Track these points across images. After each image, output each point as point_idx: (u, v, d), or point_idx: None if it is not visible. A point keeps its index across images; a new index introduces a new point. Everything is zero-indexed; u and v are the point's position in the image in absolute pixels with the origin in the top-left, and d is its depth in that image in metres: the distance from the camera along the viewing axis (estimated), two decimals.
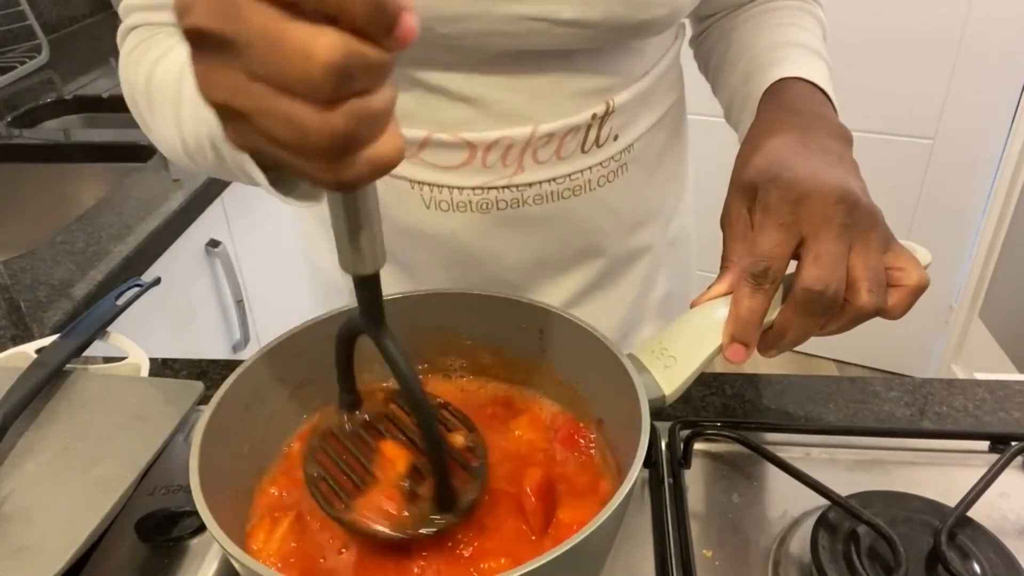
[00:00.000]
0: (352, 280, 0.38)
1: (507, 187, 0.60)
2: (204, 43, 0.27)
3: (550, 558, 0.35)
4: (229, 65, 0.27)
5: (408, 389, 0.40)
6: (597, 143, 0.61)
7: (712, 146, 0.97)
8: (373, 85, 0.28)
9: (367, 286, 0.38)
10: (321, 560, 0.45)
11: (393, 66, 0.28)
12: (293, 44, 0.26)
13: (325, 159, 0.28)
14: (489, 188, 0.60)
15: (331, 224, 0.35)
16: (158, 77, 0.52)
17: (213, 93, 0.28)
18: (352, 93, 0.27)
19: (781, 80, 0.59)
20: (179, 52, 0.52)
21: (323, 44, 0.25)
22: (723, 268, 0.50)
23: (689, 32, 0.74)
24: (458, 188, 0.60)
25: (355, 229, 0.34)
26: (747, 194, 0.49)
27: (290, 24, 0.26)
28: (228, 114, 0.29)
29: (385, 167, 0.30)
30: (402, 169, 0.61)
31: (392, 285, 0.69)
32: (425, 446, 0.43)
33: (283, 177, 0.42)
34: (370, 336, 0.41)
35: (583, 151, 0.60)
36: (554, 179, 0.61)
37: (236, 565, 0.37)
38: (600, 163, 0.62)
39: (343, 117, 0.27)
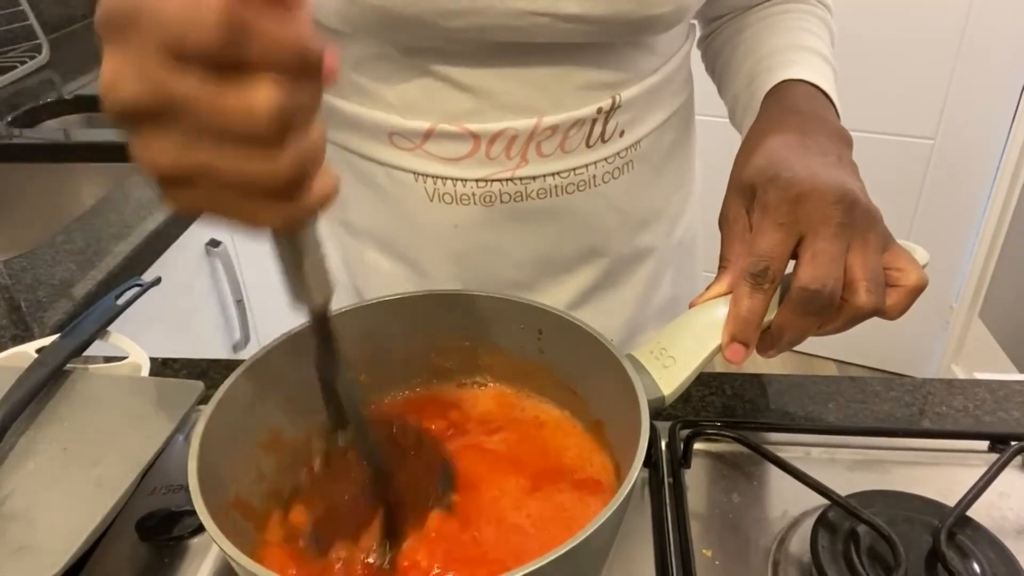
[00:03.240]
0: (308, 318, 0.38)
1: (510, 180, 0.60)
2: (136, 119, 0.27)
3: (551, 558, 0.35)
4: (166, 133, 0.27)
5: (357, 434, 0.42)
6: (602, 138, 0.61)
7: (716, 147, 0.96)
8: (308, 121, 0.29)
9: (318, 318, 0.38)
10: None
11: (321, 101, 0.29)
12: (231, 103, 0.26)
13: (277, 200, 0.29)
14: (492, 180, 0.60)
15: (277, 265, 0.36)
16: None
17: (155, 165, 0.28)
18: (291, 135, 0.28)
19: (784, 82, 0.59)
20: None
21: (261, 97, 0.26)
22: (721, 268, 0.50)
23: (698, 33, 0.74)
24: (462, 180, 0.60)
25: (299, 264, 0.35)
26: (746, 194, 0.50)
27: (221, 85, 0.26)
28: (171, 181, 0.29)
29: (329, 199, 0.31)
30: (406, 161, 0.61)
31: (396, 280, 0.70)
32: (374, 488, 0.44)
33: None
34: (322, 373, 0.41)
35: (588, 146, 0.60)
36: (558, 173, 0.61)
37: (235, 566, 0.37)
38: (605, 159, 0.62)
39: (289, 157, 0.28)
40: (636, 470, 0.40)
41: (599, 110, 0.59)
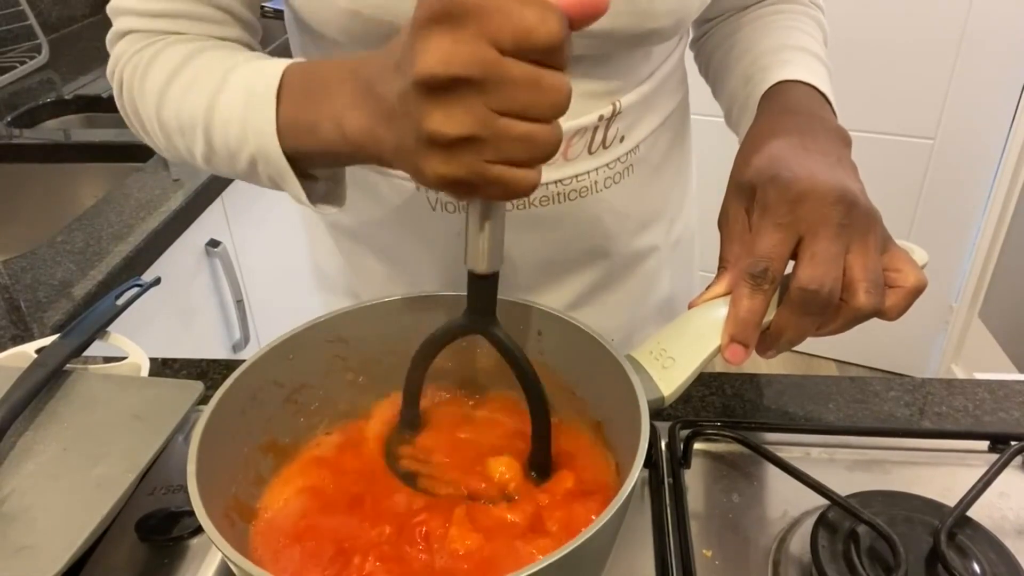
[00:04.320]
0: (468, 279, 0.44)
1: None
2: (452, 87, 0.35)
3: (551, 560, 0.35)
4: (470, 103, 0.35)
5: (521, 374, 0.46)
6: (604, 144, 0.61)
7: (713, 146, 0.97)
8: None
9: (488, 282, 0.44)
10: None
11: None
12: (549, 85, 0.35)
13: (534, 166, 0.37)
14: None
15: (467, 230, 0.42)
16: (182, 85, 0.53)
17: (455, 127, 0.35)
18: None
19: (781, 82, 0.59)
20: (203, 61, 0.53)
21: (566, 81, 0.36)
22: (721, 268, 0.50)
23: (690, 35, 0.74)
24: None
25: (489, 233, 0.41)
26: (745, 194, 0.50)
27: (543, 72, 0.35)
28: (456, 145, 0.36)
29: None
30: None
31: (396, 288, 0.70)
32: (533, 421, 0.48)
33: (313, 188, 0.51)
34: (480, 331, 0.46)
35: (590, 152, 0.60)
36: (560, 180, 0.61)
37: (233, 567, 0.37)
38: (606, 164, 0.62)
39: (560, 129, 0.37)
40: (636, 470, 0.40)
41: (600, 117, 0.59)
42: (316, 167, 0.51)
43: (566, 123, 0.58)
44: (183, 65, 0.54)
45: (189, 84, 0.53)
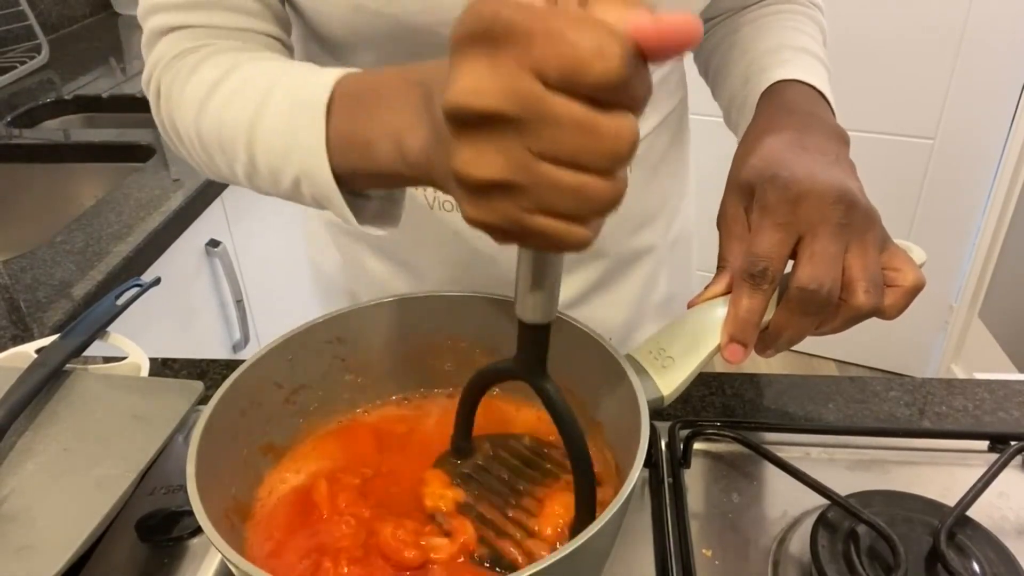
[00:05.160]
0: (519, 326, 0.40)
1: None
2: (481, 125, 0.29)
3: (552, 560, 0.35)
4: (505, 144, 0.29)
5: (567, 433, 0.42)
6: None
7: (712, 146, 0.97)
8: None
9: (539, 334, 0.40)
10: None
11: None
12: (606, 130, 0.29)
13: (586, 221, 0.31)
14: None
15: (517, 274, 0.37)
16: (225, 94, 0.49)
17: (485, 170, 0.30)
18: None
19: (779, 82, 0.59)
20: (249, 70, 0.49)
21: (629, 127, 0.29)
22: (720, 268, 0.50)
23: None
24: None
25: (540, 282, 0.37)
26: (744, 194, 0.50)
27: (597, 113, 0.29)
28: (488, 189, 0.31)
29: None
30: None
31: (395, 287, 0.70)
32: (577, 486, 0.43)
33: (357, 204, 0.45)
34: (528, 381, 0.42)
35: None
36: None
37: (232, 568, 0.37)
38: None
39: (622, 182, 0.31)
40: (636, 470, 0.40)
41: None
42: (369, 188, 0.46)
43: None
44: (227, 74, 0.50)
45: (233, 94, 0.49)
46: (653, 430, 0.43)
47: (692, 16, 0.28)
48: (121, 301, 0.67)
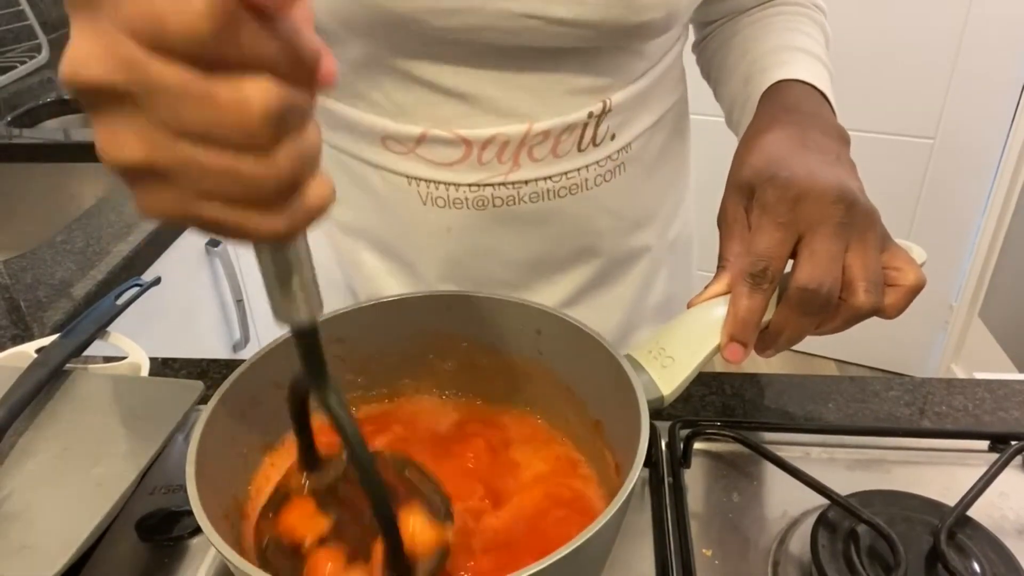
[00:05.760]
0: (293, 336, 0.34)
1: (503, 184, 0.60)
2: (102, 100, 0.25)
3: (552, 560, 0.35)
4: (137, 121, 0.25)
5: (356, 458, 0.36)
6: (594, 142, 0.61)
7: (712, 146, 0.97)
8: (303, 124, 0.27)
9: (306, 336, 0.34)
10: None
11: (315, 105, 0.28)
12: (223, 95, 0.24)
13: (268, 208, 0.27)
14: (485, 185, 0.60)
15: (260, 275, 0.32)
16: None
17: (122, 153, 0.26)
18: (287, 136, 0.26)
19: (780, 81, 0.59)
20: None
21: (256, 92, 0.25)
22: (720, 268, 0.50)
23: (692, 38, 0.74)
24: (454, 185, 0.60)
25: (286, 278, 0.31)
26: (744, 193, 0.50)
27: (211, 79, 0.24)
28: (139, 175, 0.26)
29: (323, 208, 0.29)
30: (399, 165, 0.61)
31: (390, 282, 0.70)
32: (378, 524, 0.37)
33: None
34: (314, 394, 0.36)
35: (579, 150, 0.60)
36: (550, 177, 0.61)
37: (232, 568, 0.37)
38: (597, 162, 0.62)
39: (286, 160, 0.26)
40: (636, 470, 0.40)
41: (590, 114, 0.59)
42: None
43: (555, 120, 0.58)
44: None
45: None
46: (653, 430, 0.43)
47: None
48: (121, 301, 0.67)
